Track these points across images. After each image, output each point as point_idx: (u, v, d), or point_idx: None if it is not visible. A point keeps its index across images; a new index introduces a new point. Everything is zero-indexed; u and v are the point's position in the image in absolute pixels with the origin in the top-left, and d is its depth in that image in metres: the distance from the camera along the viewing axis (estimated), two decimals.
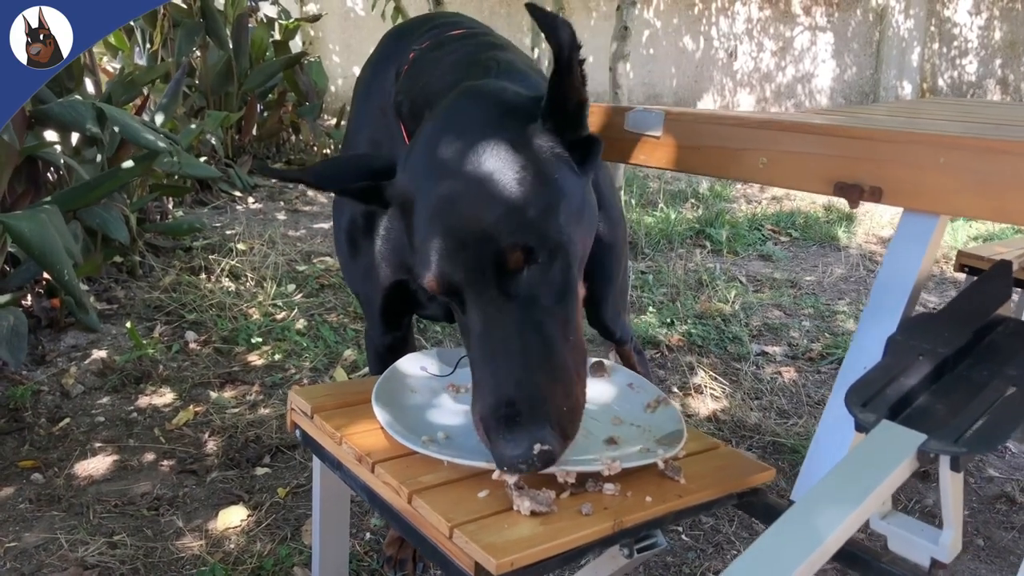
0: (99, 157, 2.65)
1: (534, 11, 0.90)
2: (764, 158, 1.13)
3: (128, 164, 2.55)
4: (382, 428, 1.04)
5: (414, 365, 1.21)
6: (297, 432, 1.19)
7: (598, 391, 1.21)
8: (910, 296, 1.05)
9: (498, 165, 0.91)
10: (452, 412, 1.10)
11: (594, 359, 1.30)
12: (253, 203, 4.56)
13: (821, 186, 1.09)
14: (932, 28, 9.32)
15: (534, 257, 0.90)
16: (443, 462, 0.98)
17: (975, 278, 2.25)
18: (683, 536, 1.83)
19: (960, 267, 2.25)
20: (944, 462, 0.83)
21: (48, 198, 2.43)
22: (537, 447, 0.84)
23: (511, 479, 0.94)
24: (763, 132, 1.14)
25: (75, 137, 2.91)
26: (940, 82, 9.53)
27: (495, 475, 0.95)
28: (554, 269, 0.92)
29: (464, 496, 0.94)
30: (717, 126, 1.21)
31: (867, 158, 1.04)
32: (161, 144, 2.42)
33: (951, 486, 0.85)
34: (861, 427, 0.89)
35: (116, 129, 2.43)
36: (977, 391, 0.91)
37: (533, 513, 0.90)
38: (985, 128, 1.31)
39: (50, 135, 2.79)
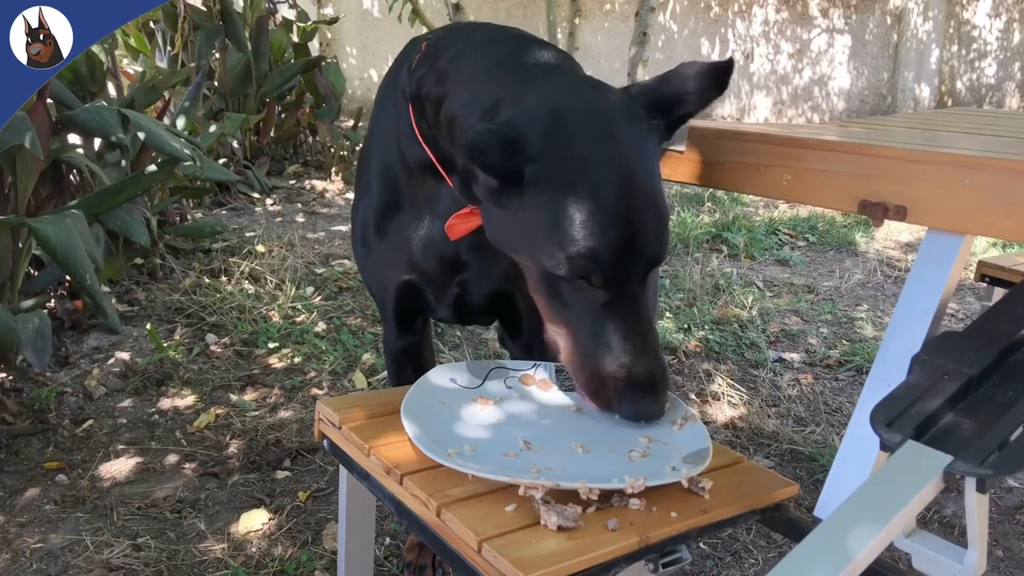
0: (123, 163, 2.68)
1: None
2: (788, 175, 1.14)
3: (151, 169, 2.57)
4: (410, 440, 1.05)
5: (443, 377, 1.22)
6: (325, 442, 1.21)
7: None
8: (935, 314, 1.05)
9: (650, 170, 1.05)
10: (480, 425, 1.11)
11: None
12: (271, 205, 4.59)
13: (846, 204, 1.09)
14: (951, 31, 9.26)
15: None
16: (469, 475, 0.99)
17: (995, 287, 2.24)
18: (701, 544, 1.84)
19: (980, 276, 2.25)
20: (970, 484, 0.84)
21: (73, 202, 2.46)
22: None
23: (538, 494, 0.95)
24: (787, 149, 1.15)
25: (97, 140, 2.94)
26: (959, 85, 9.46)
27: (521, 490, 0.96)
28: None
29: (492, 510, 0.95)
30: (741, 142, 1.22)
31: (892, 177, 1.04)
32: (186, 151, 2.44)
33: (977, 507, 0.85)
34: (886, 447, 0.90)
35: (141, 136, 2.46)
36: (1003, 412, 0.91)
37: (560, 528, 0.91)
38: (1010, 144, 1.31)
39: (73, 138, 2.82)
